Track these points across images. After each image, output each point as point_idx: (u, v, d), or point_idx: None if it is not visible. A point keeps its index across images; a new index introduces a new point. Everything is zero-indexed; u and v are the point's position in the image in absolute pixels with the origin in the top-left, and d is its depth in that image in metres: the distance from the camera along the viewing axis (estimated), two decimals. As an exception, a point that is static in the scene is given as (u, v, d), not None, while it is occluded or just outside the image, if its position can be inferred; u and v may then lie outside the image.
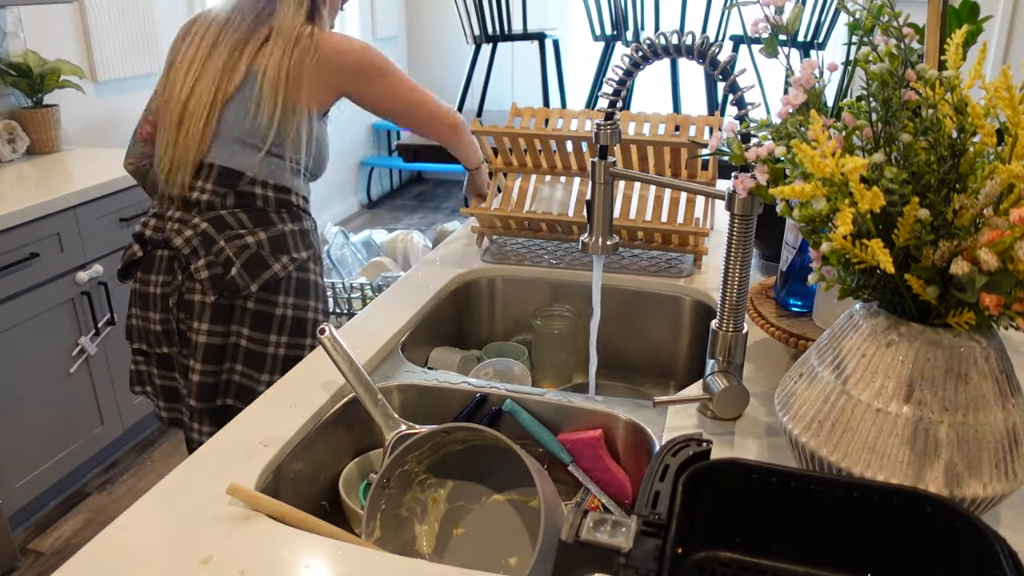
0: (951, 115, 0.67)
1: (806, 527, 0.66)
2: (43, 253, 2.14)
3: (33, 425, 2.19)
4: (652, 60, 0.91)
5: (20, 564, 2.12)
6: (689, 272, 1.44)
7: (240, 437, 0.94)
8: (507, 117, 1.57)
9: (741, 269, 0.91)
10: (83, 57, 2.95)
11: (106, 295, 2.38)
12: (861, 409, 0.70)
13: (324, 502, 1.02)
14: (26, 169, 2.47)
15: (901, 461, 0.68)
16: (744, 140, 0.82)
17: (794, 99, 0.74)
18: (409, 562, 0.77)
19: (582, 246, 1.06)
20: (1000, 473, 0.68)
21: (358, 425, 1.06)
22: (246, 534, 0.78)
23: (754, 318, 1.10)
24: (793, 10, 0.78)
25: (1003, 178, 0.62)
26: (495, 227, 1.56)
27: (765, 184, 0.74)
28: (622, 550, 0.55)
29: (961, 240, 0.64)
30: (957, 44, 0.68)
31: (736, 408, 0.95)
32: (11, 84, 2.58)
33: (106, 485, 2.47)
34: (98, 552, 0.76)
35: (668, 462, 0.64)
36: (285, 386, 1.06)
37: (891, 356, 0.69)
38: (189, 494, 0.84)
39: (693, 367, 1.40)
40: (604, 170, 1.00)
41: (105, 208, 2.34)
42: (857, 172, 0.61)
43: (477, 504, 0.94)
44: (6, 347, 2.08)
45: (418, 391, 1.11)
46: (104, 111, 3.07)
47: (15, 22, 2.63)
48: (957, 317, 0.67)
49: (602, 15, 3.45)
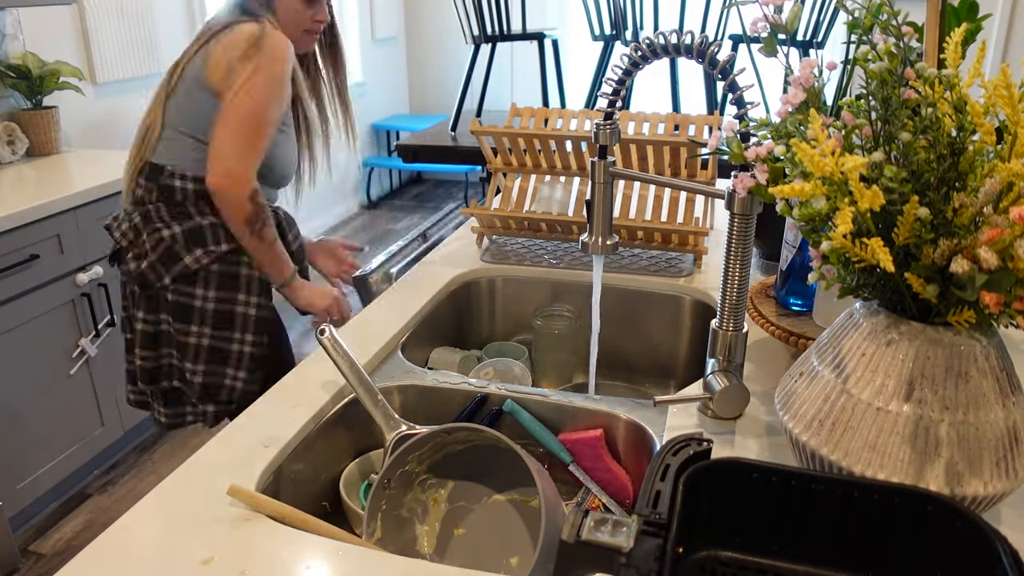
0: (950, 113, 0.67)
1: (807, 526, 0.66)
2: (43, 255, 2.14)
3: (34, 427, 2.19)
4: (651, 60, 0.91)
5: (21, 566, 2.12)
6: (689, 272, 1.44)
7: (241, 438, 0.94)
8: (507, 117, 1.57)
9: (741, 268, 0.91)
10: (82, 58, 2.95)
11: (106, 297, 2.38)
12: (861, 408, 0.70)
13: (325, 502, 1.02)
14: (26, 171, 2.47)
15: (902, 460, 0.68)
16: (744, 139, 0.82)
17: (793, 98, 0.74)
18: (409, 562, 0.77)
19: (582, 246, 1.06)
20: (1001, 471, 0.68)
21: (358, 425, 1.06)
22: (246, 535, 0.78)
23: (754, 317, 1.10)
24: (792, 9, 0.78)
25: (1003, 176, 0.62)
26: (495, 227, 1.56)
27: (765, 183, 0.74)
28: (623, 550, 0.55)
29: (961, 238, 0.64)
30: (956, 42, 0.68)
31: (736, 407, 0.95)
32: (10, 86, 2.58)
33: (107, 486, 2.47)
34: (99, 553, 0.76)
35: (669, 462, 0.64)
36: (285, 386, 1.06)
37: (891, 355, 0.69)
38: (190, 495, 0.84)
39: (693, 367, 1.40)
40: (604, 170, 1.00)
41: (105, 209, 2.33)
42: (857, 171, 0.61)
43: (478, 504, 0.94)
44: (6, 349, 2.08)
45: (418, 391, 1.11)
46: (104, 112, 3.07)
47: (14, 24, 2.63)
48: (957, 316, 0.67)
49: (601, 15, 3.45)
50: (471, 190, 5.66)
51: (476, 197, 5.25)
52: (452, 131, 3.32)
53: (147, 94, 1.58)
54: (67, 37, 2.88)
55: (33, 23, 2.71)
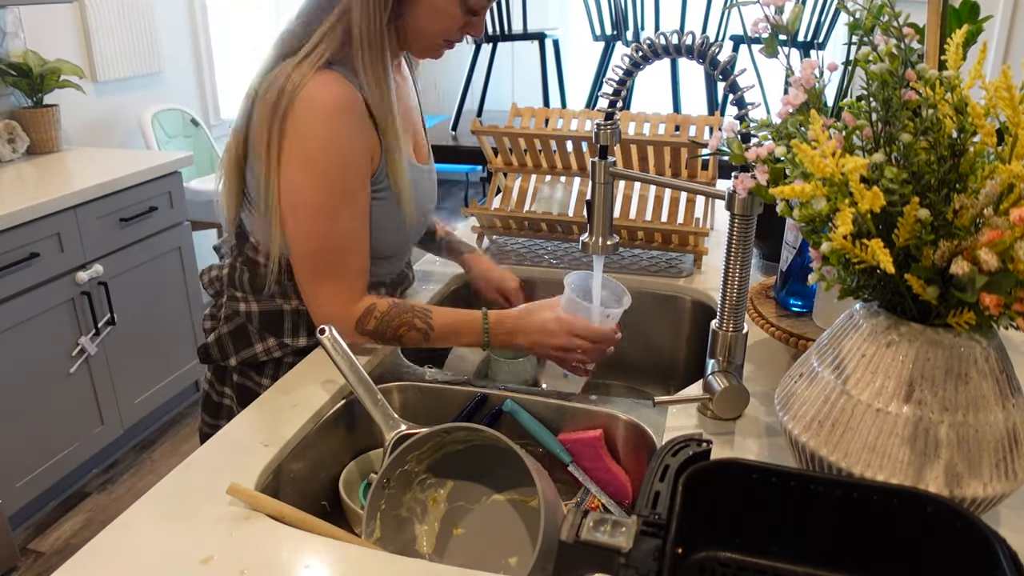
0: (951, 115, 0.67)
1: (806, 527, 0.66)
2: (43, 253, 2.14)
3: (33, 425, 2.20)
4: (652, 60, 0.91)
5: (20, 564, 2.12)
6: (689, 272, 1.44)
7: (240, 437, 0.94)
8: (507, 117, 1.57)
9: (741, 269, 0.91)
10: (83, 57, 2.95)
11: (106, 295, 2.38)
12: (861, 409, 0.70)
13: (324, 502, 1.02)
14: (26, 169, 2.47)
15: (901, 461, 0.68)
16: (744, 140, 0.82)
17: (794, 99, 0.74)
18: (409, 562, 0.77)
19: (582, 246, 1.06)
20: (1000, 473, 0.68)
21: (358, 425, 1.06)
22: (246, 534, 0.78)
23: (754, 318, 1.10)
24: (793, 10, 0.78)
25: (1003, 178, 0.62)
26: (495, 227, 1.56)
27: (765, 184, 0.74)
28: (622, 550, 0.55)
29: (961, 240, 0.64)
30: (957, 44, 0.68)
31: (736, 408, 0.95)
32: (11, 84, 2.58)
33: (106, 485, 2.47)
34: (98, 552, 0.76)
35: (668, 462, 0.64)
36: (285, 386, 1.06)
37: (891, 356, 0.69)
38: (189, 494, 0.84)
39: (693, 367, 1.40)
40: (604, 170, 1.00)
41: (105, 208, 2.34)
42: (857, 172, 0.61)
43: (477, 504, 0.94)
44: (6, 347, 2.08)
45: (418, 391, 1.11)
46: (104, 111, 3.07)
47: (15, 22, 2.63)
48: (957, 317, 0.67)
49: (602, 15, 3.45)
50: (471, 190, 5.66)
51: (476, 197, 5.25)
52: (453, 131, 3.32)
53: (147, 93, 1.55)
54: (68, 35, 2.88)
55: (34, 21, 2.71)
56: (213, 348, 1.19)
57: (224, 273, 1.19)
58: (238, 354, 1.18)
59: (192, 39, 3.56)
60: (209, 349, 1.20)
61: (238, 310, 1.17)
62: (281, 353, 1.17)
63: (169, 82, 3.38)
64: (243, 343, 1.18)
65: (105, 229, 2.35)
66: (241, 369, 1.20)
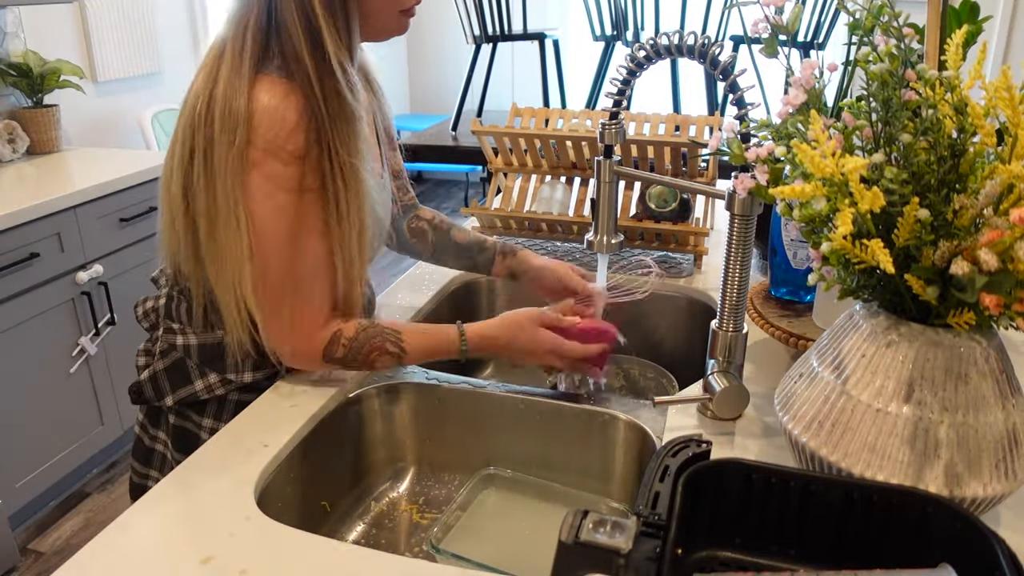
0: (951, 115, 0.67)
1: (806, 527, 0.66)
2: (43, 253, 2.14)
3: (33, 425, 2.20)
4: (655, 60, 0.92)
5: (20, 564, 2.12)
6: (689, 272, 1.44)
7: (241, 437, 0.94)
8: (507, 117, 1.57)
9: (741, 269, 0.91)
10: (83, 57, 2.95)
11: (106, 295, 2.38)
12: (861, 409, 0.70)
13: (324, 502, 1.02)
14: (26, 169, 2.47)
15: (901, 461, 0.68)
16: (744, 140, 0.82)
17: (794, 99, 0.74)
18: (409, 562, 0.77)
19: (587, 244, 1.06)
20: (1000, 473, 0.68)
21: (358, 425, 1.06)
22: (246, 534, 0.78)
23: (754, 318, 1.10)
24: (793, 10, 0.78)
25: (1003, 178, 0.62)
26: (495, 227, 1.56)
27: (765, 184, 0.74)
28: (622, 551, 0.55)
29: (961, 240, 0.64)
30: (957, 44, 0.68)
31: (736, 408, 0.95)
32: (11, 84, 2.58)
33: (106, 485, 2.47)
34: (98, 552, 0.76)
35: (668, 462, 0.64)
36: (285, 386, 1.06)
37: (891, 356, 0.69)
38: (189, 494, 0.84)
39: (693, 367, 1.40)
40: (609, 169, 1.01)
41: (105, 208, 2.34)
42: (857, 172, 0.61)
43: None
44: (6, 347, 2.08)
45: (418, 391, 1.11)
46: (104, 111, 3.07)
47: (15, 22, 2.63)
48: (957, 317, 0.67)
49: (602, 15, 3.45)
50: (472, 190, 5.66)
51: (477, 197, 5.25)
52: (453, 131, 3.32)
53: (147, 93, 1.55)
54: (68, 35, 2.88)
55: (34, 21, 2.71)
56: (147, 386, 1.06)
57: (160, 304, 1.08)
58: (175, 392, 1.04)
59: (192, 39, 3.56)
60: (142, 388, 1.07)
61: (175, 343, 1.04)
62: (225, 390, 1.04)
63: (169, 82, 3.38)
64: (181, 380, 1.04)
65: (105, 229, 2.35)
66: (179, 409, 1.06)
